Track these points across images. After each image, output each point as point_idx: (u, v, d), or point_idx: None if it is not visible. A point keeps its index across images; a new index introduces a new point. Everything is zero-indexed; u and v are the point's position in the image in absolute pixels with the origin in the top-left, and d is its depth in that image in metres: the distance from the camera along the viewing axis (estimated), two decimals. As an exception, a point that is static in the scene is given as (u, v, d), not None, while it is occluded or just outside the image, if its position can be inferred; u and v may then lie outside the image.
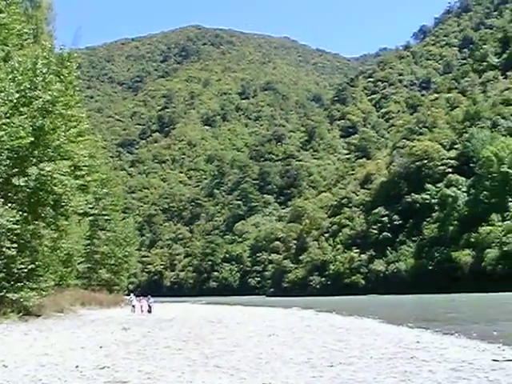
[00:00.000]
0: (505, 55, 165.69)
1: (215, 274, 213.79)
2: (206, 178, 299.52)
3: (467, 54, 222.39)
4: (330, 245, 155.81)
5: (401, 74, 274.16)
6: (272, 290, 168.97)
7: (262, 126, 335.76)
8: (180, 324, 34.94)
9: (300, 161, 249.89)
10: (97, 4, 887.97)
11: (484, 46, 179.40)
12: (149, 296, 58.71)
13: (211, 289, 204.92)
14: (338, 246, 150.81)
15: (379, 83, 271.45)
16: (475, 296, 74.50)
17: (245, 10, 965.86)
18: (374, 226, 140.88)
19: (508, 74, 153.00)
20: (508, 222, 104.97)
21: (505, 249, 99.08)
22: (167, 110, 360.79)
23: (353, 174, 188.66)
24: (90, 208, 46.00)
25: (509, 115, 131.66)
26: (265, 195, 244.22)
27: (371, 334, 25.53)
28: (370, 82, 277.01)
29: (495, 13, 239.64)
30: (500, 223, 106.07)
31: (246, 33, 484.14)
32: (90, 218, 58.42)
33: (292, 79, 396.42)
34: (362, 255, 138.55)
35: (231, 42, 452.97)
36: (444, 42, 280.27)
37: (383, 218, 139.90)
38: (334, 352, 18.10)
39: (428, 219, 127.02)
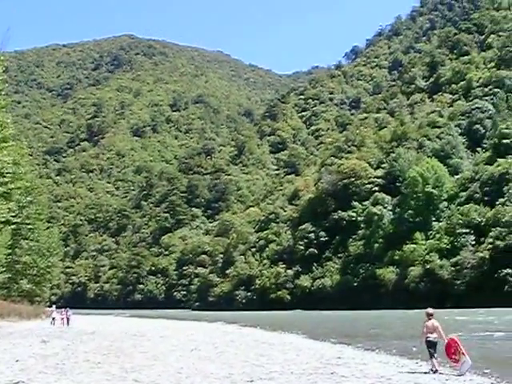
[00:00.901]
0: (432, 79, 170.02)
1: (140, 286, 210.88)
2: (133, 190, 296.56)
3: (396, 76, 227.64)
4: (256, 260, 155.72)
5: (331, 93, 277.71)
6: (197, 303, 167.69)
7: (192, 138, 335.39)
8: (102, 337, 34.40)
9: (229, 175, 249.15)
10: (27, 6, 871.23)
11: (412, 69, 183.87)
12: (67, 308, 57.80)
13: (136, 301, 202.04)
14: (265, 261, 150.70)
15: (310, 101, 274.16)
16: (398, 312, 75.75)
17: (179, 22, 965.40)
18: (301, 242, 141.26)
19: (434, 97, 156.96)
20: (431, 240, 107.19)
21: (427, 267, 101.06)
22: (97, 119, 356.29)
23: (281, 190, 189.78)
24: (12, 216, 44.93)
25: (434, 137, 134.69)
26: (193, 208, 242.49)
27: (294, 349, 25.63)
28: (301, 99, 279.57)
29: (424, 38, 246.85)
30: (423, 242, 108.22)
31: (179, 45, 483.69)
32: (13, 226, 56.88)
33: (224, 93, 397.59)
34: (289, 271, 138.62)
35: (164, 53, 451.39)
36: (374, 64, 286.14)
37: (310, 234, 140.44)
38: (256, 367, 18.08)
39: (354, 236, 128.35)
